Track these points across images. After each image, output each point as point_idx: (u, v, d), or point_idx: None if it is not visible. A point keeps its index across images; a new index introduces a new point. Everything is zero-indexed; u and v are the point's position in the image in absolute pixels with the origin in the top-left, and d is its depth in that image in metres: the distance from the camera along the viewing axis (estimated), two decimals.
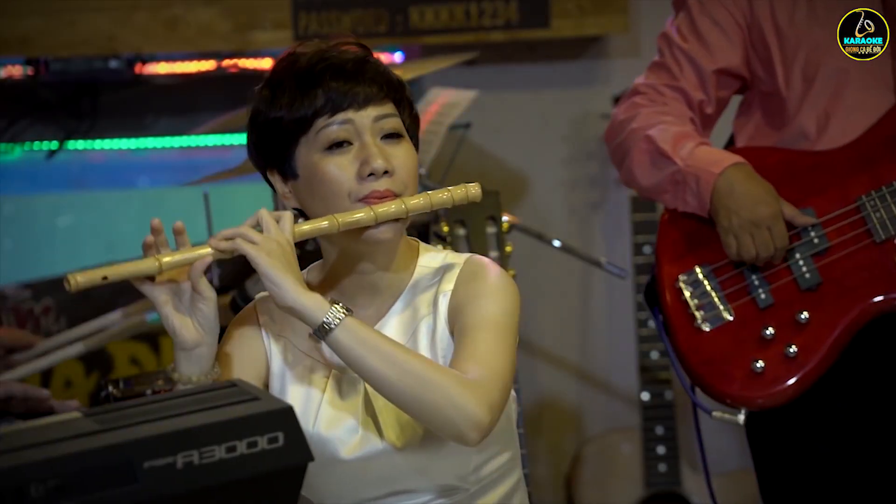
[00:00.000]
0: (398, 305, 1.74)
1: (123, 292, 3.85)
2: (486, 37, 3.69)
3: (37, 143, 3.82)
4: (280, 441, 1.26)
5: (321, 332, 1.59)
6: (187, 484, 1.21)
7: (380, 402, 1.69)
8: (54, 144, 3.82)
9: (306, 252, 2.60)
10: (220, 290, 2.99)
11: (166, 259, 1.59)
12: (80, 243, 4.07)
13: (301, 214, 1.75)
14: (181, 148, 3.96)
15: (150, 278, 1.62)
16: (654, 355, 3.57)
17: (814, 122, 2.26)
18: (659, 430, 3.57)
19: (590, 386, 3.89)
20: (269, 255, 1.58)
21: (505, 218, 2.81)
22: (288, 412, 1.28)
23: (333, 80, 1.68)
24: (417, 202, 1.69)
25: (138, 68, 3.71)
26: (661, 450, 3.57)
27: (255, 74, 3.78)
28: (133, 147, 3.94)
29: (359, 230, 1.67)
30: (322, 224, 1.66)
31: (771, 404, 2.24)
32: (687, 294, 2.29)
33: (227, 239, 1.61)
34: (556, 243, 3.32)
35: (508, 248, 2.98)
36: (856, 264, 2.21)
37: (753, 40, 2.31)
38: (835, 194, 2.25)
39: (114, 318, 2.94)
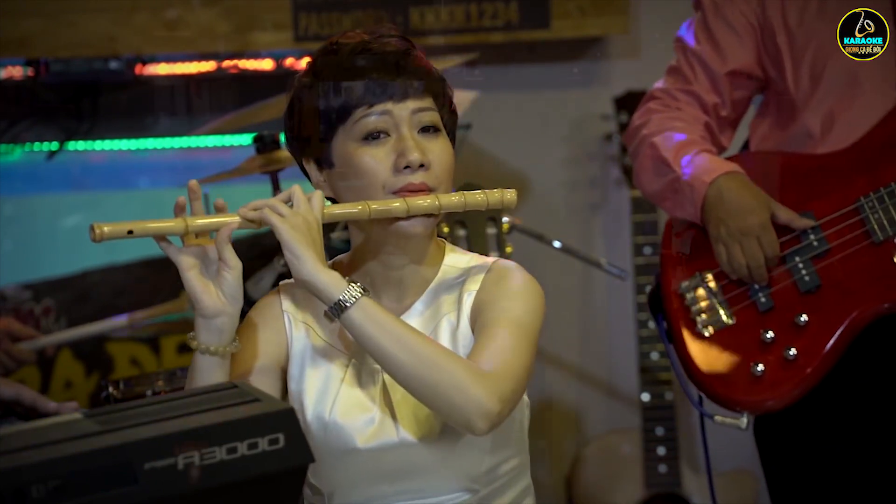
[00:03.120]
0: (421, 301, 1.75)
1: (123, 294, 3.86)
2: (486, 38, 3.70)
3: (37, 143, 3.82)
4: (280, 442, 1.26)
5: (336, 308, 1.59)
6: (188, 485, 1.21)
7: (398, 394, 1.70)
8: (55, 145, 3.82)
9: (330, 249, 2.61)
10: None
11: (193, 221, 1.59)
12: (80, 244, 4.06)
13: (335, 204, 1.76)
14: (181, 148, 3.96)
15: (179, 242, 1.62)
16: (655, 356, 3.57)
17: (819, 122, 2.27)
18: (659, 431, 3.57)
19: (590, 387, 3.89)
20: (294, 228, 1.58)
21: (505, 219, 2.80)
22: (288, 413, 1.28)
23: (374, 72, 1.69)
24: (451, 200, 1.70)
25: (138, 69, 3.71)
26: (661, 451, 3.57)
27: (256, 75, 3.78)
28: (133, 147, 3.93)
29: (389, 221, 1.68)
30: (353, 209, 1.66)
31: (772, 408, 2.24)
32: (689, 299, 2.29)
33: (256, 209, 1.61)
34: (557, 244, 3.33)
35: (508, 249, 2.97)
36: (855, 266, 2.21)
37: (765, 40, 2.31)
38: (835, 196, 2.25)
39: (119, 323, 2.94)
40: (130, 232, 1.55)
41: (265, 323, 1.75)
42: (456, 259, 1.79)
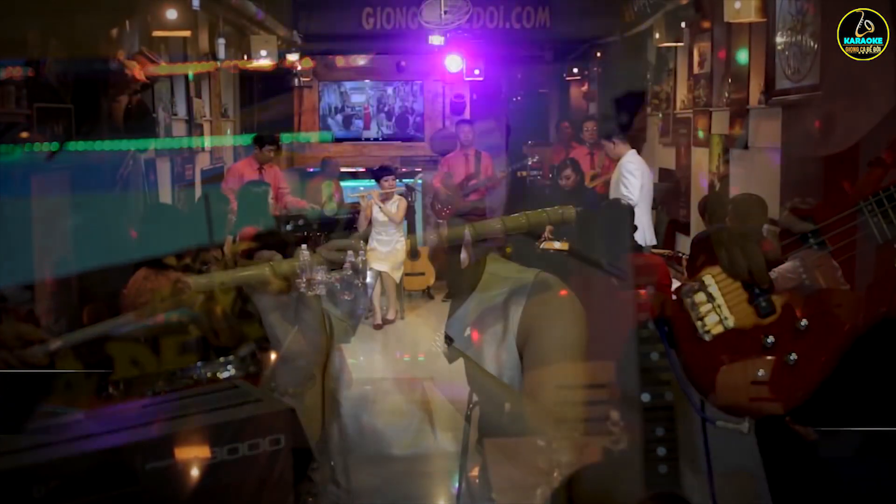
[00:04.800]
0: (464, 308, 1.76)
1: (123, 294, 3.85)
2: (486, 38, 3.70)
3: (37, 143, 3.82)
4: (282, 443, 1.26)
5: None
6: (189, 485, 1.21)
7: (437, 403, 1.71)
8: (54, 145, 3.82)
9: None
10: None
11: (279, 267, 1.57)
12: (80, 244, 4.07)
13: None
14: (181, 148, 3.96)
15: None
16: (655, 356, 3.57)
17: (819, 123, 2.27)
18: (659, 432, 3.57)
19: (590, 387, 3.88)
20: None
21: None
22: (289, 414, 1.28)
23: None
24: (516, 222, 1.71)
25: (138, 69, 3.72)
26: (661, 451, 3.57)
27: (256, 75, 3.78)
28: (133, 147, 3.94)
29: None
30: (431, 239, 1.69)
31: (774, 412, 2.24)
32: (689, 303, 2.29)
33: (339, 250, 1.59)
34: (557, 244, 3.33)
35: (508, 250, 2.98)
36: (855, 270, 2.21)
37: (768, 40, 2.31)
38: (835, 199, 2.24)
39: (127, 320, 2.94)
40: (222, 283, 1.54)
41: (309, 317, 1.73)
42: (498, 268, 1.81)
